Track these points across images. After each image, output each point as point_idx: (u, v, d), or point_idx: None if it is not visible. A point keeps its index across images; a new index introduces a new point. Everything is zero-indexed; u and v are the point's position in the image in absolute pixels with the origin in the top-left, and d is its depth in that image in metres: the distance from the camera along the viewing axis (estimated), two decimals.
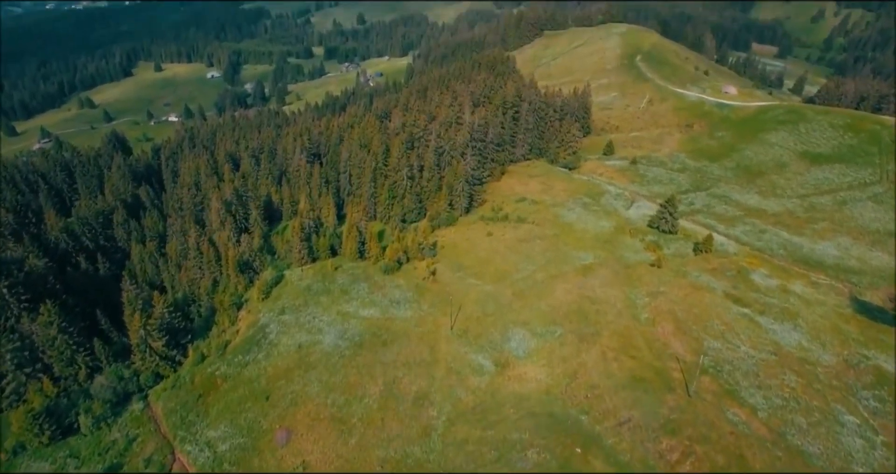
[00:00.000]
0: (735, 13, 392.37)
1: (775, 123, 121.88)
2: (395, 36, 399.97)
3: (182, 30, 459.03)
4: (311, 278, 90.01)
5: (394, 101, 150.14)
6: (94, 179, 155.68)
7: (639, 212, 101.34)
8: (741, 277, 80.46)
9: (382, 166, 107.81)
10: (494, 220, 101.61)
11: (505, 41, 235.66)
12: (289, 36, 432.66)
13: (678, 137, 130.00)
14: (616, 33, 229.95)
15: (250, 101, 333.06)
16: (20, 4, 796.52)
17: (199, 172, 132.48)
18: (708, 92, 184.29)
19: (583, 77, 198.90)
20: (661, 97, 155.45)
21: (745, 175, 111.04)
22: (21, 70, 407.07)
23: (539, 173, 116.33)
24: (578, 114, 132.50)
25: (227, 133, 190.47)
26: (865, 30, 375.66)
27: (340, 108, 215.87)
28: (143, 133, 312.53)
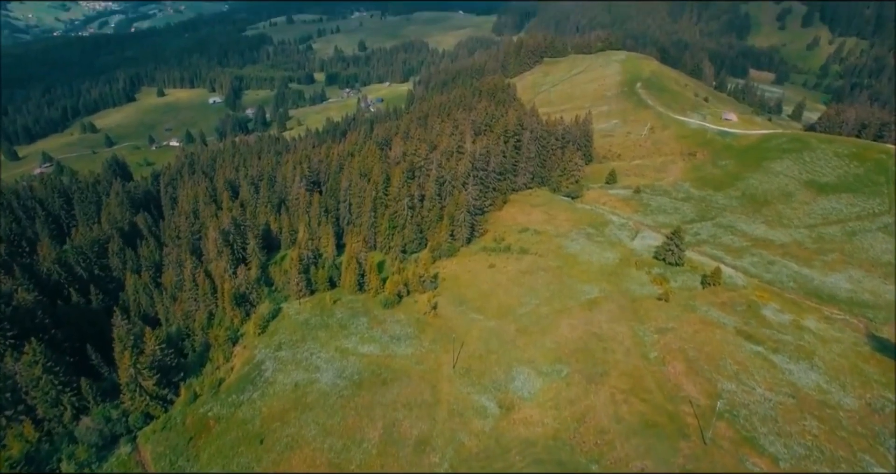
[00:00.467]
0: (732, 40, 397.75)
1: (779, 152, 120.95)
2: (395, 62, 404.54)
3: (186, 56, 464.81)
4: (309, 312, 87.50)
5: (394, 128, 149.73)
6: (93, 206, 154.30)
7: (644, 242, 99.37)
8: (752, 312, 78.01)
9: (383, 196, 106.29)
10: (497, 251, 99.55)
11: (505, 68, 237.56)
12: (290, 62, 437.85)
13: (681, 166, 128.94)
14: (615, 60, 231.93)
15: (251, 126, 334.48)
16: (29, 31, 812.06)
17: (198, 200, 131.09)
18: (708, 119, 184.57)
19: (583, 104, 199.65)
20: (663, 125, 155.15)
21: (751, 204, 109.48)
22: (26, 95, 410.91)
23: (541, 202, 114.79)
24: (580, 142, 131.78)
25: (226, 159, 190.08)
26: (860, 57, 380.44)
27: (341, 134, 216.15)
28: (143, 158, 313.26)
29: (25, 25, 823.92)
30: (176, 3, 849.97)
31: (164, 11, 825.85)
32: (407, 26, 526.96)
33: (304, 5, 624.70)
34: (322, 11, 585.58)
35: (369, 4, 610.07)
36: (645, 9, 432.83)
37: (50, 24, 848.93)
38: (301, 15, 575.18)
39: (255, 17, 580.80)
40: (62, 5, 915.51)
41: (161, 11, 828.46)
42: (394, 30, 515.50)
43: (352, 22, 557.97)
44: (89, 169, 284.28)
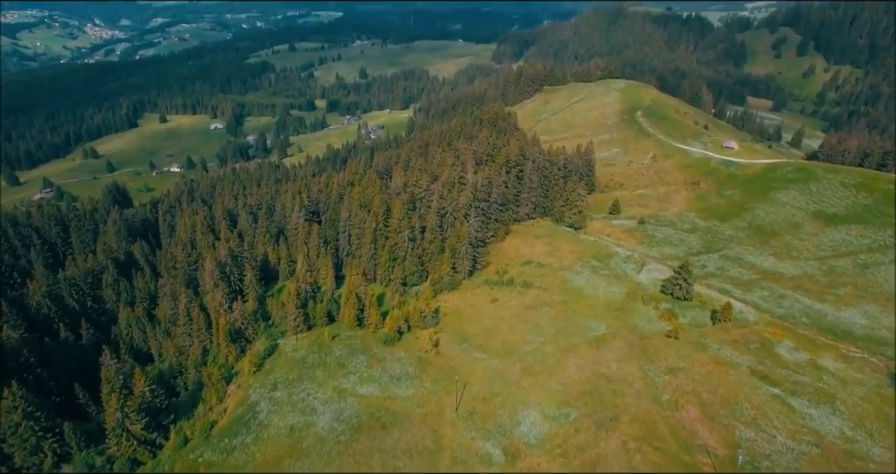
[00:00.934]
0: (729, 68, 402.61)
1: (785, 182, 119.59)
2: (396, 89, 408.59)
3: (188, 83, 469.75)
4: (307, 349, 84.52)
5: (395, 157, 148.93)
6: (90, 233, 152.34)
7: (650, 276, 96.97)
8: (766, 350, 75.15)
9: (383, 227, 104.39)
10: (499, 285, 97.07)
11: (505, 96, 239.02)
12: (292, 89, 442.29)
13: (685, 195, 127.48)
14: (615, 89, 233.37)
15: (252, 153, 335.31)
16: (37, 59, 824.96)
17: (195, 229, 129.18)
18: (709, 147, 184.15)
19: (584, 132, 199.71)
20: (665, 153, 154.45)
21: (758, 235, 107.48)
22: (30, 121, 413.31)
23: (544, 234, 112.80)
24: (582, 171, 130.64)
25: (226, 187, 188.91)
26: (855, 85, 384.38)
27: (341, 161, 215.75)
28: (144, 184, 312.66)
29: (34, 53, 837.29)
30: (180, 32, 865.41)
31: (168, 39, 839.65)
32: (407, 54, 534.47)
33: (306, 33, 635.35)
34: (324, 40, 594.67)
35: (370, 33, 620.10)
36: (642, 38, 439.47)
37: (57, 52, 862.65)
38: (303, 43, 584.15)
39: (258, 45, 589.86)
40: (70, 34, 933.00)
41: (166, 39, 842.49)
42: (394, 58, 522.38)
43: (353, 50, 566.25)
44: (89, 195, 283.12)
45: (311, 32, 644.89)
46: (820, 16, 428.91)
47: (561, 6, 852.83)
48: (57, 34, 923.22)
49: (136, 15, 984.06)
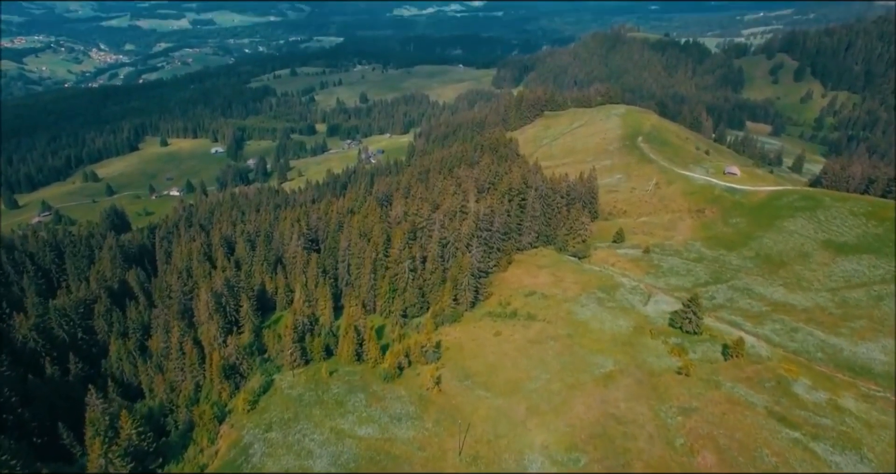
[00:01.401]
0: (727, 93, 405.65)
1: (791, 210, 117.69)
2: (396, 114, 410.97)
3: (190, 106, 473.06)
4: (304, 385, 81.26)
5: (395, 183, 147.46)
6: (85, 260, 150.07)
7: (657, 307, 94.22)
8: (782, 389, 71.98)
9: (383, 257, 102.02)
10: (502, 317, 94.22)
11: (506, 121, 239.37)
12: (293, 113, 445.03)
13: (690, 223, 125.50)
14: (615, 114, 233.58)
15: (252, 177, 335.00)
16: (42, 83, 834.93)
17: (192, 257, 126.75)
18: (711, 172, 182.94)
19: (585, 158, 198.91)
20: (668, 180, 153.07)
21: (767, 265, 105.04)
22: (33, 144, 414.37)
23: (548, 263, 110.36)
24: (585, 199, 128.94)
25: (224, 212, 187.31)
26: (853, 110, 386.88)
27: (341, 186, 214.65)
28: (143, 207, 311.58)
29: (39, 77, 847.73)
30: (184, 56, 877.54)
31: (171, 64, 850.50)
32: (408, 79, 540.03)
33: (308, 58, 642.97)
34: (325, 64, 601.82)
35: (371, 58, 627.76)
36: (641, 63, 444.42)
37: (62, 76, 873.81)
38: (305, 68, 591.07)
39: (260, 69, 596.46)
40: (75, 58, 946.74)
41: (169, 64, 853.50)
42: (395, 82, 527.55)
43: (354, 74, 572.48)
44: (88, 218, 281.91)
45: (313, 57, 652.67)
46: (815, 42, 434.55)
47: (560, 32, 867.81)
48: (62, 59, 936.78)
49: (141, 40, 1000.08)
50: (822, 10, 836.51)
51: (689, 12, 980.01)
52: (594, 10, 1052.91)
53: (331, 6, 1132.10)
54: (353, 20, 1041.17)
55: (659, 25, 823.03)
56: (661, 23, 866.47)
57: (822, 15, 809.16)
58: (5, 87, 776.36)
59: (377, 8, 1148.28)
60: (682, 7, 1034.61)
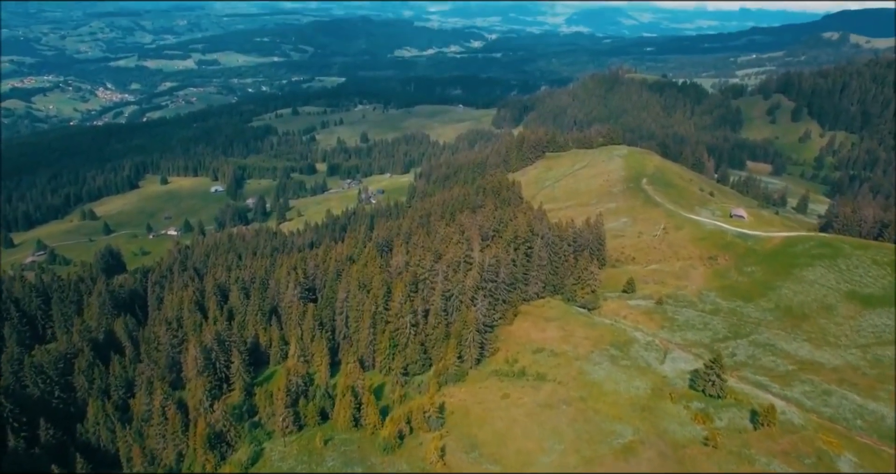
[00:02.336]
0: (726, 133, 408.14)
1: (809, 258, 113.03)
2: (397, 154, 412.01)
3: (192, 145, 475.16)
4: (296, 457, 74.56)
5: (396, 228, 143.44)
6: (73, 306, 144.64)
7: (675, 366, 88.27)
8: (825, 465, 65.51)
9: (383, 310, 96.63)
10: (510, 377, 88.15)
11: (507, 163, 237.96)
12: (293, 152, 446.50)
13: (703, 272, 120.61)
14: (618, 155, 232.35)
15: (251, 216, 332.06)
16: (48, 121, 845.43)
17: (182, 307, 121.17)
18: (717, 215, 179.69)
19: (589, 200, 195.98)
20: (676, 225, 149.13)
21: (788, 318, 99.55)
22: (33, 182, 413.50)
23: (556, 315, 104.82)
24: (593, 246, 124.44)
25: (220, 256, 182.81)
26: (852, 150, 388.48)
27: (341, 229, 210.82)
28: (140, 247, 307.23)
29: (46, 116, 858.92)
30: (188, 95, 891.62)
31: (175, 102, 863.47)
32: (408, 119, 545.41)
33: (309, 98, 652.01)
34: (326, 104, 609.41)
35: (372, 98, 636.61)
36: (639, 104, 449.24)
37: (68, 114, 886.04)
38: (306, 107, 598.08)
39: (262, 108, 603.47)
40: (81, 97, 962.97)
41: (173, 102, 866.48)
42: (395, 122, 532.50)
43: (355, 114, 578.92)
44: (83, 258, 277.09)
45: (315, 97, 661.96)
46: (810, 84, 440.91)
47: (557, 73, 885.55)
48: (69, 97, 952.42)
49: (147, 79, 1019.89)
50: (811, 53, 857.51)
51: (683, 53, 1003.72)
52: (590, 52, 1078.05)
53: (333, 48, 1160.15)
54: (354, 61, 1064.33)
55: (654, 66, 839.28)
56: (656, 64, 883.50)
57: (812, 57, 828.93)
58: (12, 125, 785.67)
59: (379, 49, 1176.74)
60: (676, 49, 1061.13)
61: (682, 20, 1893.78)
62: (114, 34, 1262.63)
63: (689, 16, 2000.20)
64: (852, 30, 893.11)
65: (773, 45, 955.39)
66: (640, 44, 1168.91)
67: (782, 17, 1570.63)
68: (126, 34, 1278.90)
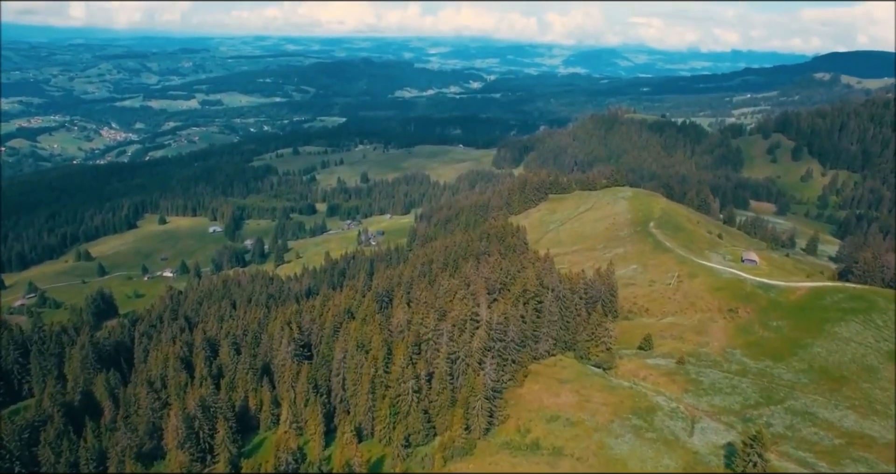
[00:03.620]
0: (728, 172, 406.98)
1: (841, 312, 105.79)
2: (397, 194, 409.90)
3: (192, 184, 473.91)
4: None
5: (396, 277, 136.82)
6: (53, 359, 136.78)
7: (706, 439, 79.84)
8: None
9: (383, 374, 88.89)
10: (523, 450, 79.61)
11: (510, 205, 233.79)
12: (293, 192, 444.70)
13: (724, 326, 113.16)
14: (622, 197, 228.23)
15: (249, 258, 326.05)
16: (52, 159, 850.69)
17: (168, 365, 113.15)
18: (728, 259, 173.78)
19: (595, 244, 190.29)
20: (689, 272, 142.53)
21: (825, 381, 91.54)
22: (31, 221, 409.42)
23: (570, 377, 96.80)
24: (605, 298, 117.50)
25: (213, 303, 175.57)
26: (855, 189, 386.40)
27: (339, 273, 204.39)
28: (134, 290, 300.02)
29: (50, 154, 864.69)
30: (190, 135, 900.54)
31: (178, 141, 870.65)
32: (408, 159, 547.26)
33: (310, 138, 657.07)
34: (327, 144, 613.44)
35: (372, 137, 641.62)
36: (639, 144, 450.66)
37: (72, 153, 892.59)
38: (307, 147, 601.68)
39: (263, 148, 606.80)
40: (86, 136, 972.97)
41: (176, 141, 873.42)
42: (396, 162, 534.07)
43: (355, 154, 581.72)
44: (74, 301, 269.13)
45: (315, 137, 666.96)
46: (809, 123, 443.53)
47: (555, 113, 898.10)
48: (74, 137, 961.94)
49: (151, 119, 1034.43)
50: (805, 92, 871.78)
51: (678, 93, 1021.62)
52: (587, 92, 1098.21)
53: (335, 88, 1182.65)
54: (355, 101, 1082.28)
55: (651, 106, 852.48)
56: (653, 104, 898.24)
57: (806, 96, 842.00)
58: (16, 164, 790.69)
59: (379, 90, 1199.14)
60: (672, 89, 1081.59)
61: (677, 61, 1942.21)
62: (121, 75, 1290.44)
63: (682, 57, 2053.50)
64: (843, 71, 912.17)
65: (767, 85, 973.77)
66: (637, 84, 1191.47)
67: (773, 59, 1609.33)
68: (133, 75, 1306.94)
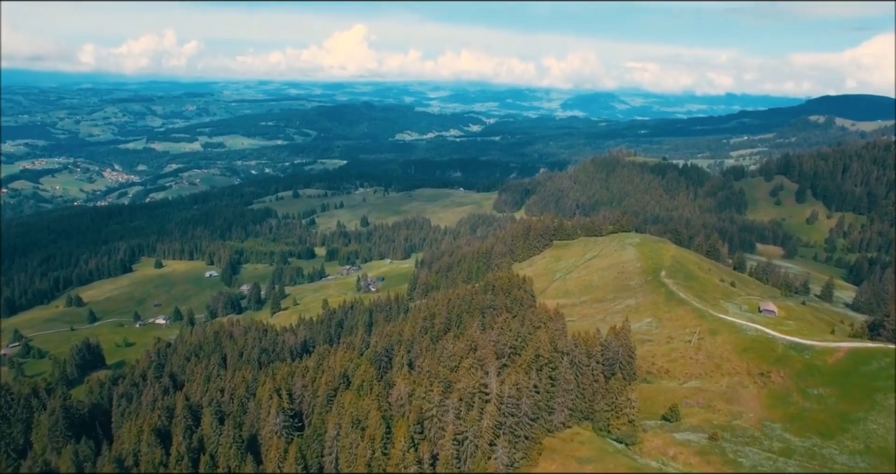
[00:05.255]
0: (732, 215, 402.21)
1: (890, 380, 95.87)
2: (397, 239, 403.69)
3: (190, 227, 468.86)
4: None
5: (396, 335, 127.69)
6: (21, 425, 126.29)
7: None
8: None
9: (381, 456, 78.77)
10: None
11: (513, 252, 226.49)
12: (292, 236, 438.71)
13: (756, 393, 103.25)
14: (630, 244, 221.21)
15: (245, 304, 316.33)
16: (52, 201, 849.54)
17: (141, 440, 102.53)
18: (745, 309, 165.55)
19: (605, 295, 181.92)
20: (710, 329, 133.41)
21: (890, 466, 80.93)
22: (24, 264, 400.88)
23: (590, 455, 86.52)
24: (623, 360, 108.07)
25: (202, 360, 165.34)
26: (863, 232, 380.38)
27: (337, 325, 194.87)
28: (123, 338, 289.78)
29: (52, 196, 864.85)
30: (192, 177, 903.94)
31: (179, 183, 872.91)
32: (409, 202, 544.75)
33: (311, 180, 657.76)
34: (327, 187, 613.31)
35: (373, 180, 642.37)
36: (641, 186, 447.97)
37: (74, 194, 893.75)
38: (307, 190, 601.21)
39: (263, 191, 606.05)
40: (88, 178, 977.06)
41: (177, 183, 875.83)
42: (396, 205, 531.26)
43: (355, 197, 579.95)
44: (60, 350, 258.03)
45: (316, 179, 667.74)
46: (811, 165, 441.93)
47: (555, 155, 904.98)
48: (77, 178, 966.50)
49: (154, 161, 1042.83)
50: (801, 134, 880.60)
51: (676, 136, 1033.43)
52: (586, 134, 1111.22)
53: (336, 131, 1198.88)
54: (356, 144, 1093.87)
55: (650, 148, 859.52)
56: (651, 146, 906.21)
57: (803, 138, 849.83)
58: (17, 205, 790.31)
59: (380, 133, 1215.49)
60: (669, 131, 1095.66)
61: (673, 104, 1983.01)
62: (126, 118, 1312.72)
63: (678, 100, 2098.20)
64: (836, 113, 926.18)
65: (763, 128, 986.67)
66: (634, 127, 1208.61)
67: (766, 102, 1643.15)
68: (138, 118, 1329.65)
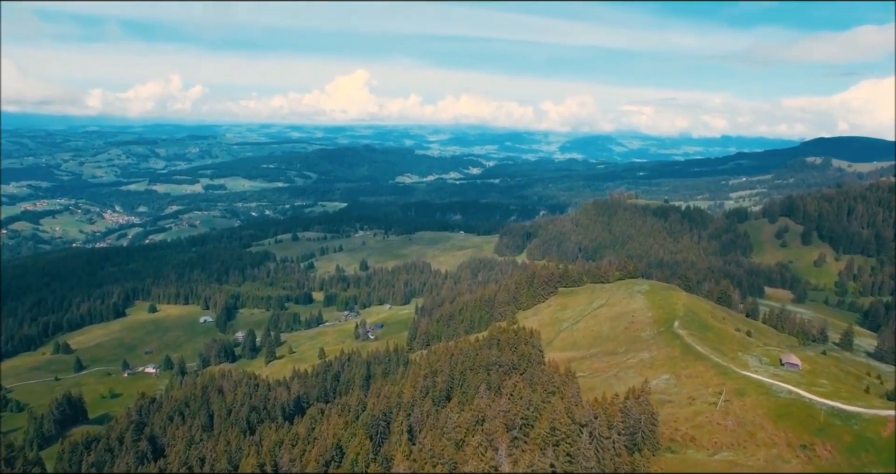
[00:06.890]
0: (738, 257, 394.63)
1: None
2: (397, 283, 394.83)
3: (186, 271, 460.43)
4: None
5: (395, 397, 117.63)
6: None
7: None
8: None
9: None
10: None
11: (517, 300, 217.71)
12: (290, 280, 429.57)
13: (801, 468, 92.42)
14: (639, 292, 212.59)
15: (239, 352, 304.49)
16: (51, 242, 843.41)
17: None
18: (765, 362, 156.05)
19: (616, 348, 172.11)
20: (736, 388, 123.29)
21: None
22: (15, 309, 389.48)
23: None
24: (645, 428, 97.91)
25: (187, 420, 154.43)
26: (873, 274, 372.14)
27: (333, 378, 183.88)
28: (109, 389, 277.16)
29: (51, 237, 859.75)
30: (192, 218, 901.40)
31: (179, 225, 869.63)
32: (409, 246, 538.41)
33: (310, 223, 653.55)
34: (327, 229, 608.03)
35: (372, 223, 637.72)
36: (644, 230, 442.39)
37: (73, 235, 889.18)
38: (307, 233, 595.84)
39: (262, 233, 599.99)
40: (89, 219, 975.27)
41: (176, 225, 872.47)
42: (396, 249, 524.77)
43: (355, 240, 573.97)
44: (41, 402, 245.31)
45: (315, 222, 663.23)
46: (816, 207, 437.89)
47: (555, 198, 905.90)
48: (77, 219, 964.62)
49: (155, 203, 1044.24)
50: (799, 176, 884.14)
51: (674, 177, 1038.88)
52: (585, 177, 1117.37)
53: (336, 174, 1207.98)
54: (356, 187, 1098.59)
55: (649, 190, 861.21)
56: (650, 188, 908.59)
57: (801, 180, 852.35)
58: (16, 247, 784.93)
59: (380, 175, 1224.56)
60: (667, 173, 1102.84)
61: (669, 146, 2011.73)
62: (129, 160, 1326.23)
63: (675, 142, 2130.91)
64: (831, 155, 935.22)
65: (760, 169, 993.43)
66: (633, 169, 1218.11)
67: (762, 144, 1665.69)
68: (141, 160, 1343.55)
